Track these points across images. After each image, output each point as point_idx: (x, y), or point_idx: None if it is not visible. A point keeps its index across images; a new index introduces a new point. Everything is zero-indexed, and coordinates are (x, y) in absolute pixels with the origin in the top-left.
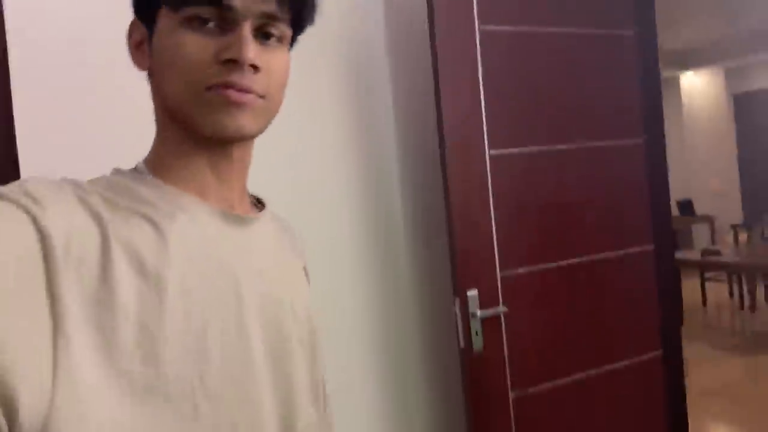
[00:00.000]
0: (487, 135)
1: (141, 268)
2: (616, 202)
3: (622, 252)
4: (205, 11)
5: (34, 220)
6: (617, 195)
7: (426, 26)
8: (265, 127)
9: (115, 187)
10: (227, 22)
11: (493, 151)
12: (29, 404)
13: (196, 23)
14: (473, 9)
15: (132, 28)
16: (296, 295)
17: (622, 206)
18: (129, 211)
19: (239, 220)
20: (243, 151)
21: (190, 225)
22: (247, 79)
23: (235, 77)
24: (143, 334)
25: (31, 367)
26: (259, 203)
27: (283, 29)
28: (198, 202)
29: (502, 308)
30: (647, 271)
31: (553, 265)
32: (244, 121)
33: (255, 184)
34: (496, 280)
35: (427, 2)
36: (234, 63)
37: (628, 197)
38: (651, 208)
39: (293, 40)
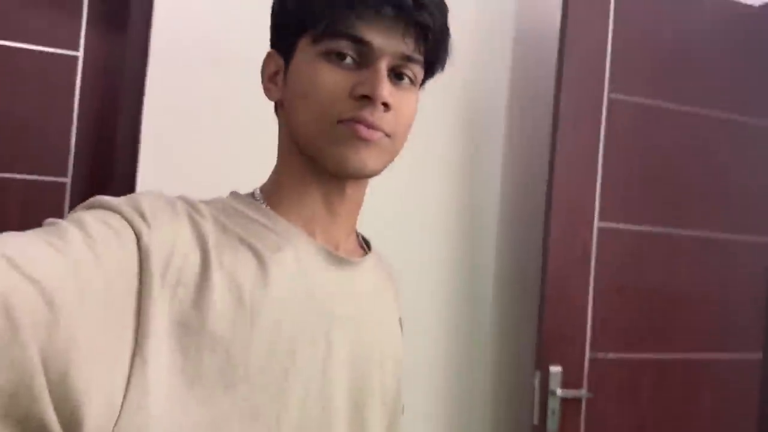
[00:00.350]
0: (599, 205)
1: (238, 298)
2: (727, 300)
3: (725, 355)
4: (344, 46)
5: (138, 238)
6: (730, 293)
7: (552, 83)
8: (385, 167)
9: (229, 211)
10: (364, 59)
11: (601, 223)
12: (94, 421)
13: (334, 57)
14: (605, 73)
15: (268, 59)
16: (388, 348)
17: (733, 306)
18: (237, 237)
19: (342, 263)
20: (357, 190)
21: (293, 260)
22: (377, 116)
23: (366, 113)
24: (228, 364)
25: (102, 384)
26: (366, 244)
27: (417, 71)
28: (305, 238)
29: (585, 392)
30: (750, 381)
31: (648, 356)
32: (367, 158)
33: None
34: (584, 361)
35: (558, 59)
36: (367, 99)
37: (742, 298)
38: (766, 314)
39: (422, 82)
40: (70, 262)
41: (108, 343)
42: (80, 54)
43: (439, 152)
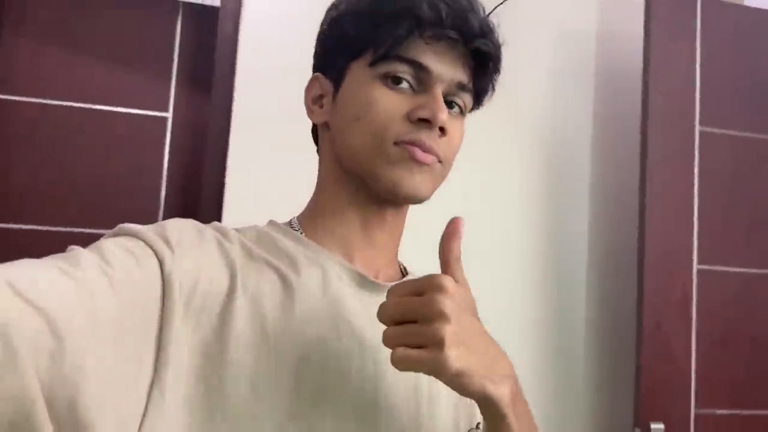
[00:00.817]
0: (697, 247)
1: (261, 325)
2: None
3: None
4: (402, 70)
5: (161, 264)
6: None
7: (638, 121)
8: (433, 193)
9: (262, 238)
10: (420, 84)
11: (702, 266)
12: None
13: (390, 81)
14: (695, 107)
15: (313, 82)
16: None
17: None
18: (263, 261)
19: (375, 287)
20: (397, 217)
21: (320, 284)
22: (434, 140)
23: (424, 136)
24: (253, 393)
25: (115, 414)
26: (407, 272)
27: (467, 100)
28: (338, 261)
29: None
30: None
31: (763, 412)
32: (420, 182)
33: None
34: (689, 419)
35: (642, 95)
36: (425, 123)
37: None
38: None
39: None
40: (81, 289)
41: (124, 371)
42: (169, 115)
43: (524, 200)
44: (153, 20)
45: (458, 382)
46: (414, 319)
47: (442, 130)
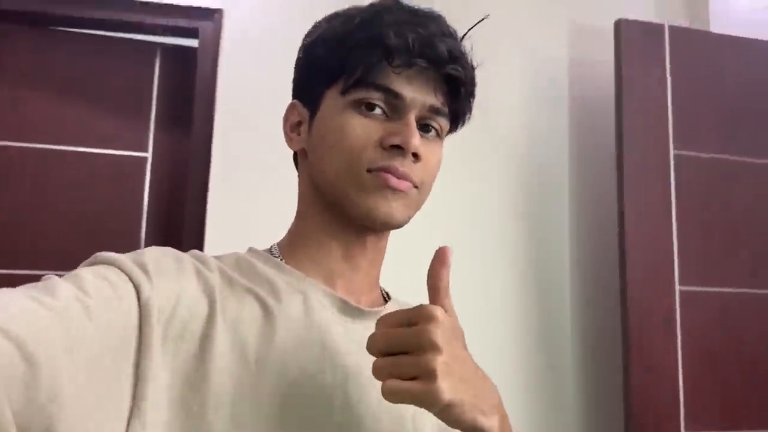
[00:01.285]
0: (678, 268)
1: (242, 353)
2: None
3: None
4: (375, 97)
5: (138, 291)
6: None
7: (614, 146)
8: (410, 218)
9: (240, 265)
10: (394, 110)
11: (684, 287)
12: None
13: (363, 107)
14: (668, 131)
15: (290, 109)
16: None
17: None
18: (244, 289)
19: (357, 313)
20: (378, 242)
21: (302, 310)
22: (407, 166)
23: (397, 163)
24: (234, 421)
25: None
26: (388, 298)
27: (443, 124)
28: (319, 288)
29: None
30: None
31: None
32: (396, 208)
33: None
34: None
35: (616, 121)
36: (398, 149)
37: None
38: None
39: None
40: (56, 317)
41: (102, 400)
42: (149, 155)
43: (503, 226)
44: (131, 61)
45: (449, 413)
46: (404, 350)
47: (416, 155)
